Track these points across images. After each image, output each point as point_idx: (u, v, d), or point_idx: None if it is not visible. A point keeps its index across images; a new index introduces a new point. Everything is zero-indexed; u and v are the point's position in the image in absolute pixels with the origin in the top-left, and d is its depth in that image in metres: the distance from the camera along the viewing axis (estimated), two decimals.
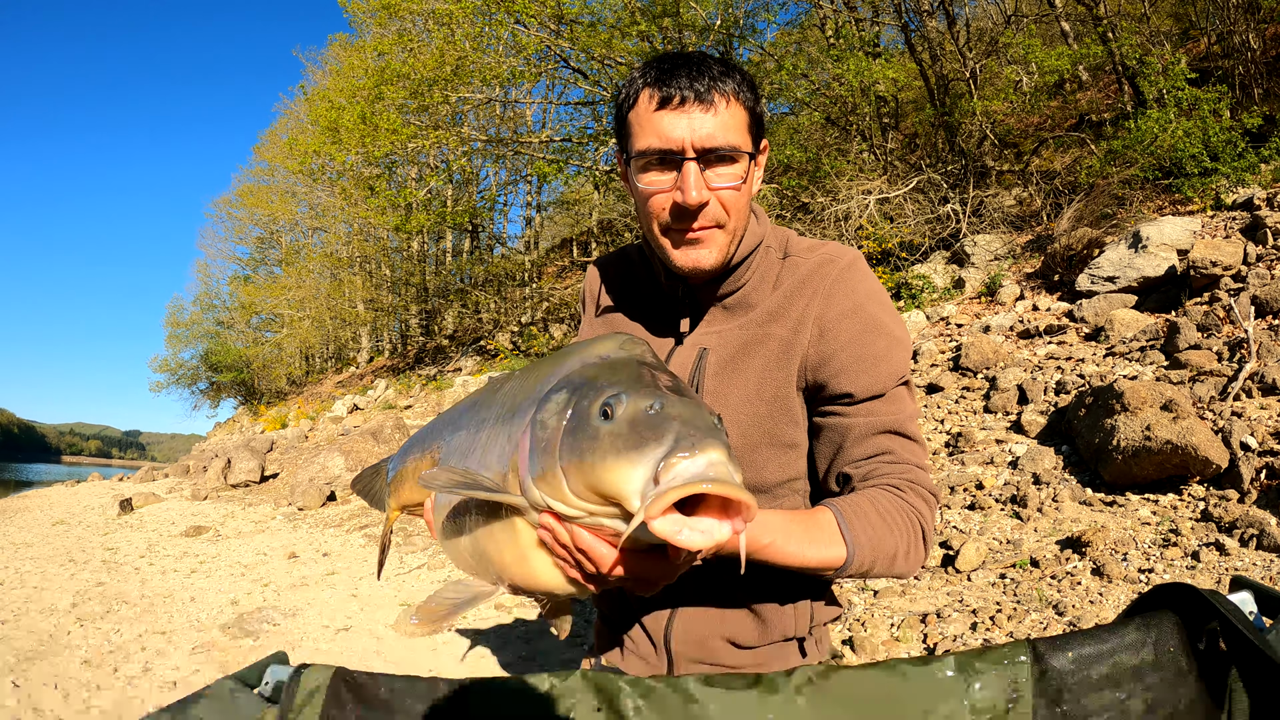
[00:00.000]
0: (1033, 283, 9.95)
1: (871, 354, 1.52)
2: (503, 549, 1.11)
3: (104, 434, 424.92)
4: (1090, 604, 4.22)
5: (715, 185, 1.45)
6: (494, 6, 14.14)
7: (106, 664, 5.58)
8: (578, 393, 1.02)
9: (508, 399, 1.23)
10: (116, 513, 12.78)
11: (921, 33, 14.59)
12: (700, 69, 1.43)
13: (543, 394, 1.08)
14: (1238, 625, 1.18)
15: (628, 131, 1.50)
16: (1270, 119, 10.08)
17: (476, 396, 1.43)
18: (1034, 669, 1.23)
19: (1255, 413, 5.29)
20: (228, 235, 49.82)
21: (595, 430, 0.95)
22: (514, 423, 1.12)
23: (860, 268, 1.59)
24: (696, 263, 1.50)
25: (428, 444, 1.54)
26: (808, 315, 1.54)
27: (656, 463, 0.89)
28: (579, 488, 0.95)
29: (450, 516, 1.30)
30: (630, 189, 1.55)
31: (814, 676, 1.27)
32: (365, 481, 1.91)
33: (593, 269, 1.83)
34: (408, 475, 1.62)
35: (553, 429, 1.00)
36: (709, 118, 1.42)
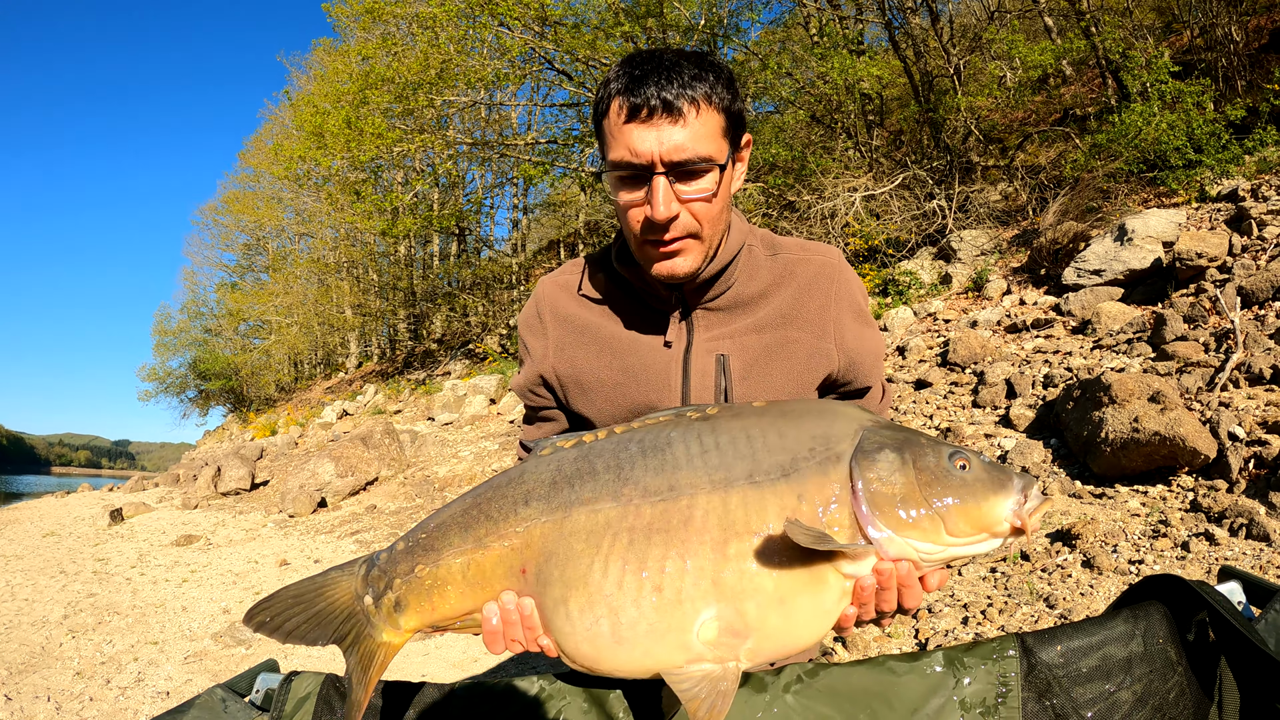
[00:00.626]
0: (1019, 277, 9.97)
1: (875, 351, 1.66)
2: (798, 608, 1.08)
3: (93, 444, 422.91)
4: (1081, 596, 4.23)
5: (686, 198, 1.43)
6: (478, 9, 14.12)
7: (99, 675, 5.55)
8: (909, 452, 1.12)
9: (709, 470, 1.14)
10: (107, 523, 12.71)
11: (905, 30, 14.61)
12: (671, 75, 1.40)
13: (833, 455, 1.12)
14: (1226, 615, 1.18)
15: (603, 138, 1.49)
16: (1253, 110, 10.12)
17: (563, 469, 1.22)
18: (1023, 663, 1.24)
19: (1242, 403, 5.31)
20: (214, 242, 49.65)
21: (965, 479, 1.10)
22: (781, 485, 1.11)
23: (848, 266, 1.68)
24: (672, 271, 1.50)
25: (493, 530, 1.21)
26: (826, 319, 1.61)
27: (1019, 493, 1.09)
28: (959, 525, 1.08)
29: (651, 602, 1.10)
30: (610, 194, 1.56)
31: (802, 674, 1.27)
32: (297, 603, 1.27)
33: (546, 284, 1.76)
34: (453, 576, 1.23)
35: (904, 484, 1.09)
36: (677, 130, 1.39)
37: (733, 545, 1.08)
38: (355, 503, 11.60)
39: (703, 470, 1.14)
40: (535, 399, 1.74)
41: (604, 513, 1.15)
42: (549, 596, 1.16)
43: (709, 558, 1.09)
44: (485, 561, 1.21)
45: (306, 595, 1.28)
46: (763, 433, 1.17)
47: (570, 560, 1.14)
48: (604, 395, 1.64)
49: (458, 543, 1.23)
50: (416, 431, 14.77)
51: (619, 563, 1.11)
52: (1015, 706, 1.21)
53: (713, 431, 1.19)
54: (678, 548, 1.10)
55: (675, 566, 1.09)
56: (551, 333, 1.70)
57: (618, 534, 1.13)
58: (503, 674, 5.11)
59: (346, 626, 1.27)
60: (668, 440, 1.19)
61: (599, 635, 1.11)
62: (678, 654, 1.08)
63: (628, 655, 1.11)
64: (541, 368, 1.69)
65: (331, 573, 1.30)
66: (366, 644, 1.26)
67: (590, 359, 1.65)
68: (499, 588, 1.20)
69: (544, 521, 1.18)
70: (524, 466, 1.26)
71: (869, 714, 1.23)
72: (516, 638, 1.19)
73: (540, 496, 1.21)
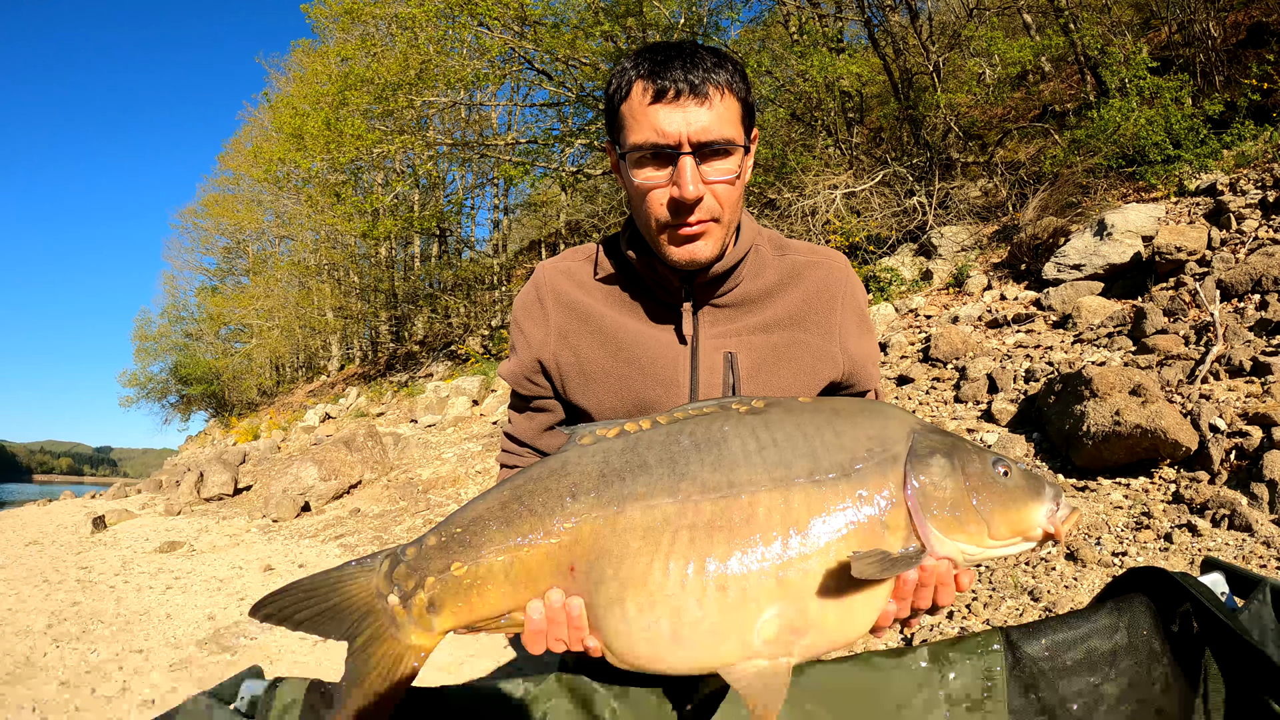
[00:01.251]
0: (1000, 273, 10.01)
1: (875, 356, 1.70)
2: (855, 605, 1.09)
3: (75, 451, 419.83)
4: (1065, 589, 4.25)
5: (711, 179, 1.45)
6: (457, 9, 14.08)
7: (84, 685, 5.50)
8: (958, 457, 1.16)
9: (769, 467, 1.13)
10: (90, 531, 12.60)
11: (884, 27, 14.65)
12: (694, 60, 1.43)
13: (890, 457, 1.15)
14: (1210, 606, 1.19)
15: (620, 124, 1.49)
16: (1231, 105, 10.18)
17: (611, 461, 1.17)
18: (1008, 657, 1.24)
19: (1223, 395, 5.34)
20: (194, 246, 49.27)
21: (1007, 486, 1.15)
22: (842, 485, 1.12)
23: (854, 271, 1.72)
24: (693, 255, 1.50)
25: (538, 526, 1.16)
26: (833, 324, 1.64)
27: (1052, 501, 1.15)
28: (1001, 530, 1.13)
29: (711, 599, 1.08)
30: (624, 182, 1.55)
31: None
32: (309, 597, 1.20)
33: (547, 269, 1.72)
34: (494, 574, 1.16)
35: (954, 488, 1.13)
36: (704, 111, 1.42)
37: (796, 544, 1.08)
38: (339, 506, 11.55)
39: (762, 467, 1.13)
40: (530, 387, 1.70)
41: (661, 509, 1.12)
42: (602, 595, 1.12)
43: (773, 556, 1.08)
44: (530, 559, 1.15)
45: (319, 590, 1.20)
46: (819, 431, 1.17)
47: (626, 558, 1.11)
48: (607, 386, 1.61)
49: (499, 539, 1.16)
50: (399, 434, 14.72)
51: (681, 561, 1.09)
52: (1001, 701, 1.21)
53: (768, 427, 1.18)
54: (741, 546, 1.08)
55: (739, 565, 1.08)
56: (553, 319, 1.66)
57: (678, 531, 1.10)
58: (490, 677, 5.09)
59: (362, 625, 1.20)
60: (722, 435, 1.17)
61: (658, 636, 1.09)
62: (736, 652, 1.08)
63: (686, 655, 1.09)
64: (541, 354, 1.66)
65: (349, 567, 1.23)
66: (390, 646, 1.19)
67: (594, 348, 1.62)
68: (544, 586, 1.16)
69: (595, 517, 1.14)
70: (565, 457, 1.21)
71: (855, 711, 1.23)
72: (561, 637, 1.16)
73: (589, 490, 1.16)
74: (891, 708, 1.22)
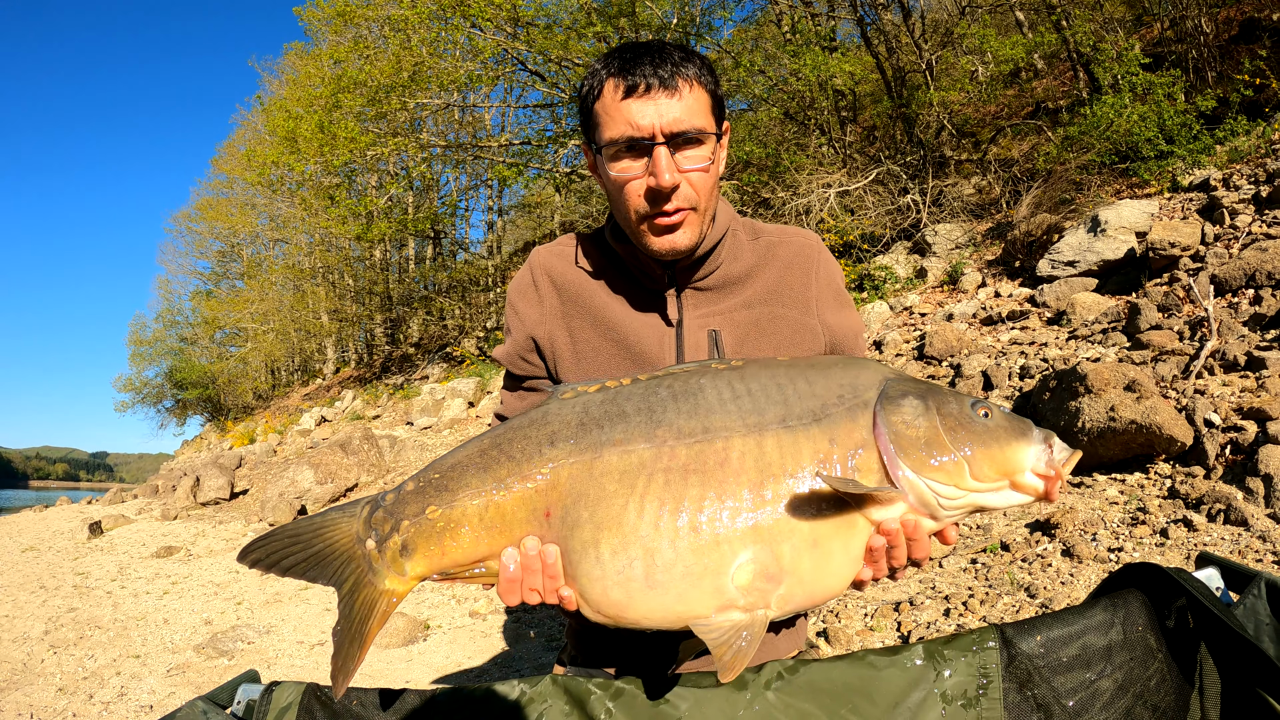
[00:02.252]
0: (994, 270, 10.02)
1: (856, 329, 1.73)
2: (830, 552, 1.09)
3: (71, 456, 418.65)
4: (1062, 585, 4.25)
5: (685, 168, 1.49)
6: (449, 11, 14.07)
7: (81, 691, 5.49)
8: (933, 399, 1.15)
9: (743, 414, 1.15)
10: (86, 536, 12.58)
11: (877, 26, 14.66)
12: (662, 55, 1.48)
13: (861, 402, 1.16)
14: (1205, 602, 1.19)
15: (595, 122, 1.54)
16: (1224, 101, 10.21)
17: (590, 410, 1.20)
18: (1003, 654, 1.24)
19: (1218, 389, 5.35)
20: (188, 250, 49.15)
21: (987, 426, 1.13)
22: (814, 429, 1.13)
23: (825, 248, 1.76)
24: (673, 244, 1.53)
25: (515, 471, 1.17)
26: (809, 297, 1.68)
27: (1041, 442, 1.11)
28: (984, 470, 1.10)
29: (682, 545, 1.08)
30: (601, 180, 1.59)
31: (783, 671, 1.26)
32: (294, 543, 1.22)
33: (541, 253, 1.76)
34: (468, 518, 1.17)
35: (928, 428, 1.12)
36: (675, 102, 1.46)
37: (769, 487, 1.09)
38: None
39: (736, 414, 1.15)
40: (525, 366, 1.73)
41: (638, 453, 1.14)
42: (577, 539, 1.13)
43: (746, 499, 1.09)
44: (506, 503, 1.17)
45: (304, 535, 1.22)
46: (792, 381, 1.19)
47: (602, 501, 1.13)
48: (597, 365, 1.65)
49: (475, 483, 1.18)
50: (395, 436, 14.70)
51: (655, 503, 1.10)
52: (996, 698, 1.21)
53: (742, 379, 1.21)
54: (715, 489, 1.10)
55: (713, 507, 1.09)
56: (547, 299, 1.70)
57: (653, 474, 1.12)
58: (486, 678, 5.09)
59: (346, 571, 1.22)
60: (699, 386, 1.20)
61: (631, 578, 1.10)
62: (710, 599, 1.08)
63: (659, 600, 1.09)
64: (536, 332, 1.69)
65: (332, 513, 1.25)
66: (367, 591, 1.21)
67: (586, 328, 1.67)
68: (519, 532, 1.17)
69: (572, 462, 1.15)
70: (546, 408, 1.24)
71: (850, 709, 1.22)
72: (535, 586, 1.17)
73: (568, 437, 1.18)
74: (887, 705, 1.22)
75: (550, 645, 5.37)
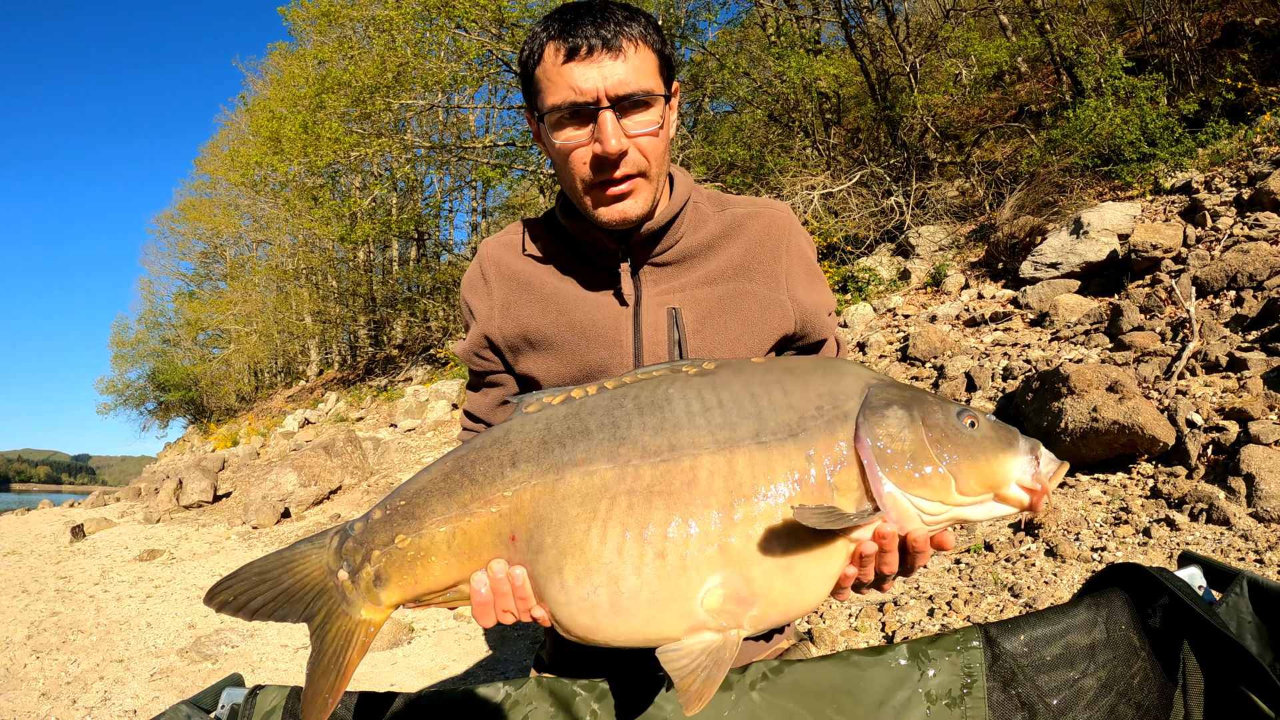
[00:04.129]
0: (977, 271, 10.06)
1: (827, 304, 1.65)
2: (804, 573, 1.05)
3: (53, 459, 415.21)
4: (1045, 584, 4.27)
5: (633, 133, 1.42)
6: (434, 11, 14.05)
7: (65, 695, 5.45)
8: (918, 409, 1.10)
9: (712, 429, 1.09)
10: (68, 540, 12.49)
11: (861, 29, 14.72)
12: (604, 15, 1.40)
13: (841, 414, 1.09)
14: (1187, 600, 1.19)
15: (536, 88, 1.47)
16: (1206, 104, 10.28)
17: (553, 427, 1.16)
18: (987, 653, 1.24)
19: (1199, 390, 5.38)
20: (171, 251, 48.84)
21: (974, 437, 1.08)
22: (789, 445, 1.07)
23: (798, 221, 1.68)
24: (623, 214, 1.47)
25: (479, 495, 1.14)
26: (778, 271, 1.59)
27: (1028, 453, 1.08)
28: (969, 484, 1.06)
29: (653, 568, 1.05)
30: (546, 148, 1.52)
31: (768, 671, 1.26)
32: (262, 580, 1.18)
33: (489, 245, 1.71)
34: (437, 546, 1.15)
35: (913, 440, 1.06)
36: (619, 64, 1.39)
37: (740, 509, 1.04)
38: (319, 512, 11.50)
39: (705, 429, 1.10)
40: (481, 363, 1.69)
41: (600, 474, 1.10)
42: (542, 564, 1.10)
43: (715, 522, 1.04)
44: (472, 529, 1.14)
45: (273, 571, 1.19)
46: (767, 390, 1.13)
47: (564, 526, 1.09)
48: (552, 353, 1.59)
49: (440, 510, 1.15)
50: (379, 439, 14.66)
51: (618, 528, 1.07)
52: (980, 697, 1.21)
53: (713, 388, 1.15)
54: (681, 511, 1.05)
55: (679, 531, 1.05)
56: (496, 292, 1.64)
57: (615, 497, 1.08)
58: (471, 681, 5.08)
59: (318, 604, 1.19)
60: (666, 397, 1.14)
61: (596, 605, 1.07)
62: (679, 623, 1.05)
63: (627, 625, 1.06)
64: (487, 328, 1.64)
65: (300, 546, 1.22)
66: (342, 622, 1.18)
67: (537, 316, 1.60)
68: (487, 556, 1.14)
69: (534, 485, 1.12)
70: (509, 425, 1.20)
71: (835, 709, 1.22)
72: (508, 608, 1.14)
73: (529, 458, 1.14)
74: (872, 705, 1.22)
75: (534, 648, 5.36)
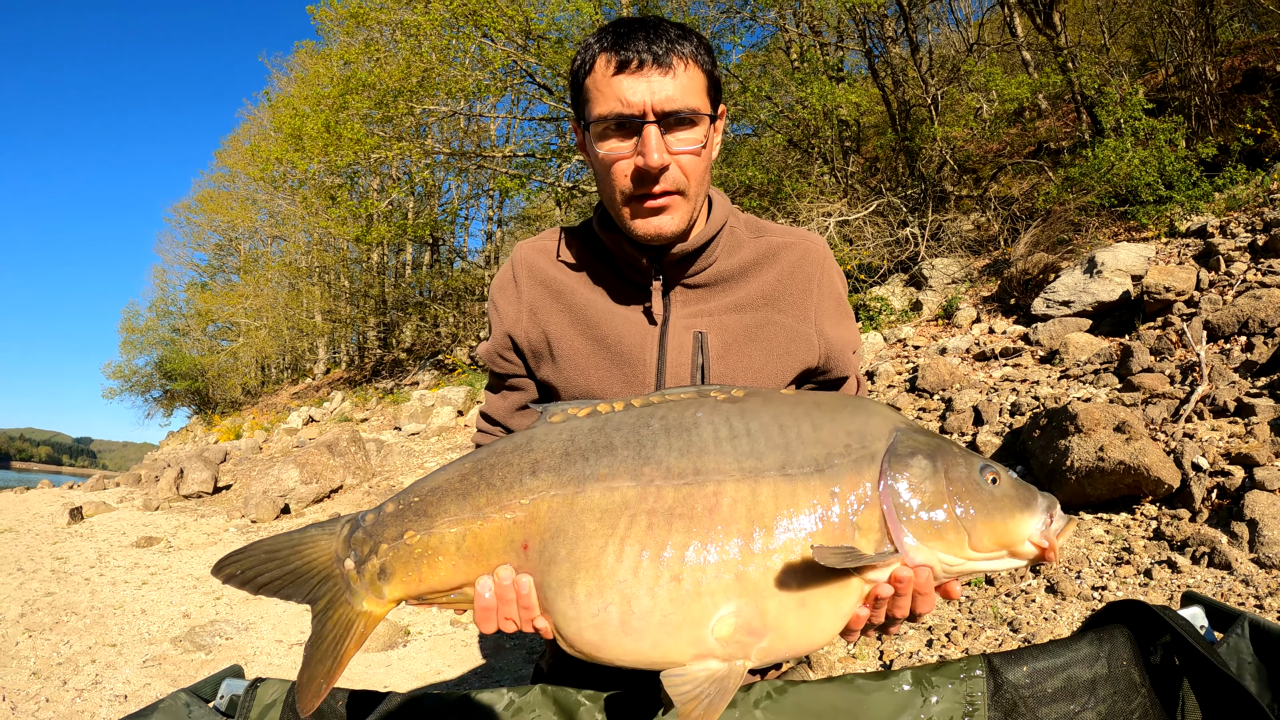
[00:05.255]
0: (989, 306, 10.07)
1: (853, 342, 1.65)
2: (818, 610, 1.05)
3: (55, 440, 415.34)
4: (1045, 621, 4.27)
5: (676, 149, 1.43)
6: (462, 19, 14.13)
7: (55, 676, 5.45)
8: (942, 459, 1.10)
9: (739, 457, 1.09)
10: (66, 521, 12.49)
11: (885, 59, 14.78)
12: (657, 32, 1.42)
13: (868, 455, 1.10)
14: (1189, 639, 1.20)
15: (585, 98, 1.49)
16: (1224, 149, 10.29)
17: (576, 439, 1.15)
18: (990, 682, 1.25)
19: (1206, 434, 5.38)
20: (186, 241, 49.13)
21: (994, 495, 1.09)
22: (815, 480, 1.07)
23: (832, 255, 1.68)
24: (659, 229, 1.48)
25: (495, 500, 1.14)
26: (808, 305, 1.60)
27: (1044, 513, 1.10)
28: (984, 541, 1.07)
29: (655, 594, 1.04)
30: (589, 158, 1.54)
31: (772, 691, 1.27)
32: (271, 558, 1.20)
33: (524, 248, 1.72)
34: (445, 546, 1.15)
35: (935, 491, 1.07)
36: (668, 80, 1.41)
37: (760, 539, 1.04)
38: (319, 510, 11.50)
39: (731, 456, 1.09)
40: (503, 364, 1.70)
41: (622, 491, 1.09)
42: (553, 576, 1.10)
43: (734, 550, 1.04)
44: (483, 533, 1.13)
45: (282, 551, 1.20)
46: (796, 423, 1.13)
47: (581, 540, 1.08)
48: (574, 363, 1.60)
49: (454, 510, 1.15)
50: (383, 441, 14.66)
51: (636, 547, 1.06)
52: None
53: (742, 416, 1.14)
54: (701, 536, 1.05)
55: (697, 556, 1.04)
56: (525, 295, 1.65)
57: (636, 516, 1.07)
58: (466, 686, 5.07)
59: (322, 589, 1.20)
60: (694, 421, 1.14)
61: (606, 623, 1.06)
62: (688, 649, 1.04)
63: (634, 646, 1.06)
64: (513, 330, 1.65)
65: (311, 530, 1.23)
66: (343, 611, 1.19)
67: (563, 325, 1.61)
68: (496, 562, 1.14)
69: (553, 495, 1.11)
70: (532, 433, 1.20)
71: None
72: (511, 616, 1.14)
73: (550, 468, 1.13)
74: None
75: (530, 658, 5.35)
